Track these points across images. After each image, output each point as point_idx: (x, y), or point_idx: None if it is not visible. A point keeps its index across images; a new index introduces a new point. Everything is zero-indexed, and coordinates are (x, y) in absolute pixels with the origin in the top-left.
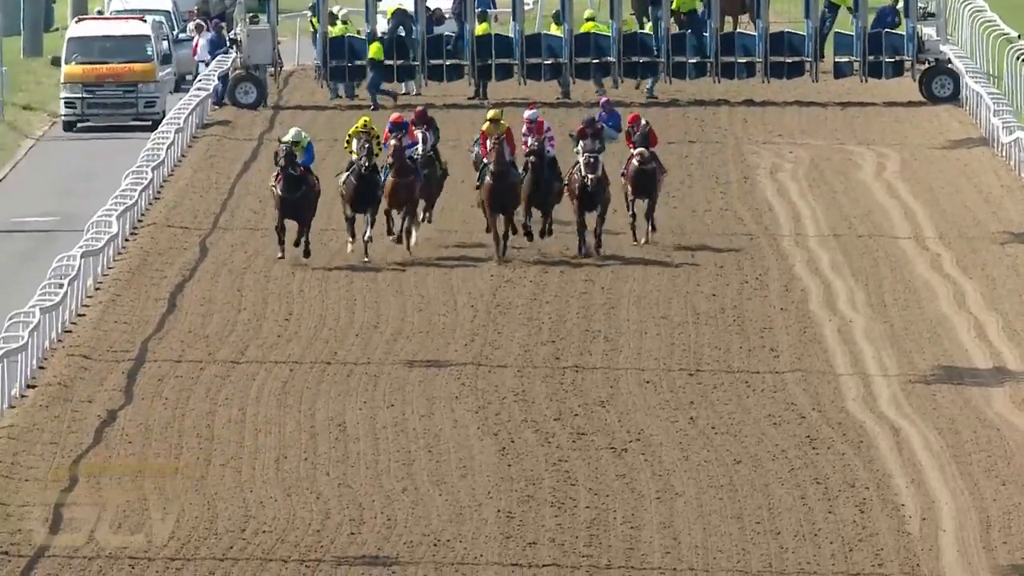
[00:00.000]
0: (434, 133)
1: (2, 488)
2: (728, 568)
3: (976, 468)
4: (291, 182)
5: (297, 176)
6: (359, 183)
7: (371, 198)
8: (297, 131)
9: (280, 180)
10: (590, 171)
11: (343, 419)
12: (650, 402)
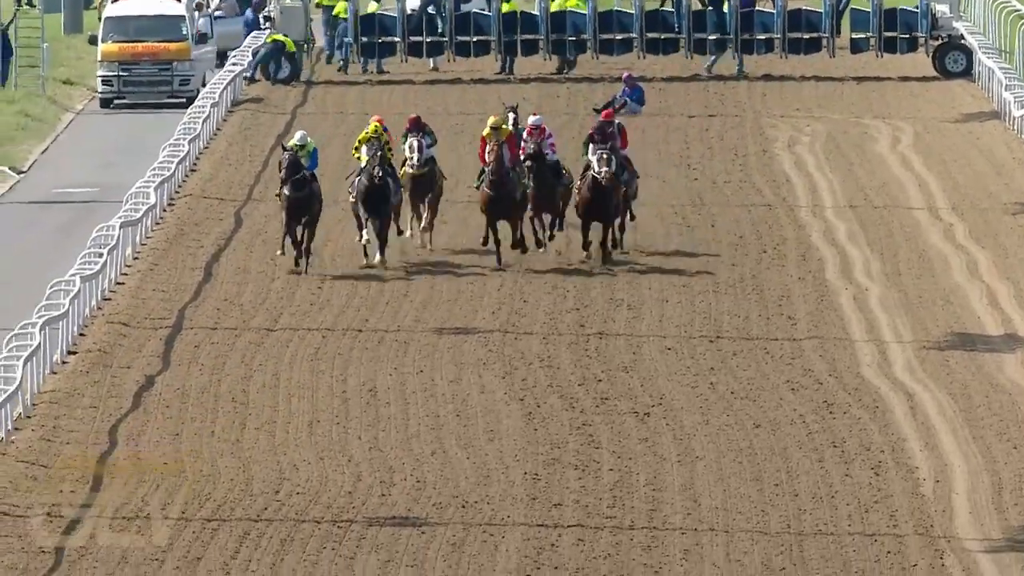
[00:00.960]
0: (429, 138)
1: (44, 451)
2: (747, 529)
3: (988, 432)
4: (297, 183)
5: (303, 178)
6: (370, 187)
7: (382, 206)
8: (303, 135)
9: (287, 184)
10: (604, 165)
11: (374, 384)
12: (672, 368)
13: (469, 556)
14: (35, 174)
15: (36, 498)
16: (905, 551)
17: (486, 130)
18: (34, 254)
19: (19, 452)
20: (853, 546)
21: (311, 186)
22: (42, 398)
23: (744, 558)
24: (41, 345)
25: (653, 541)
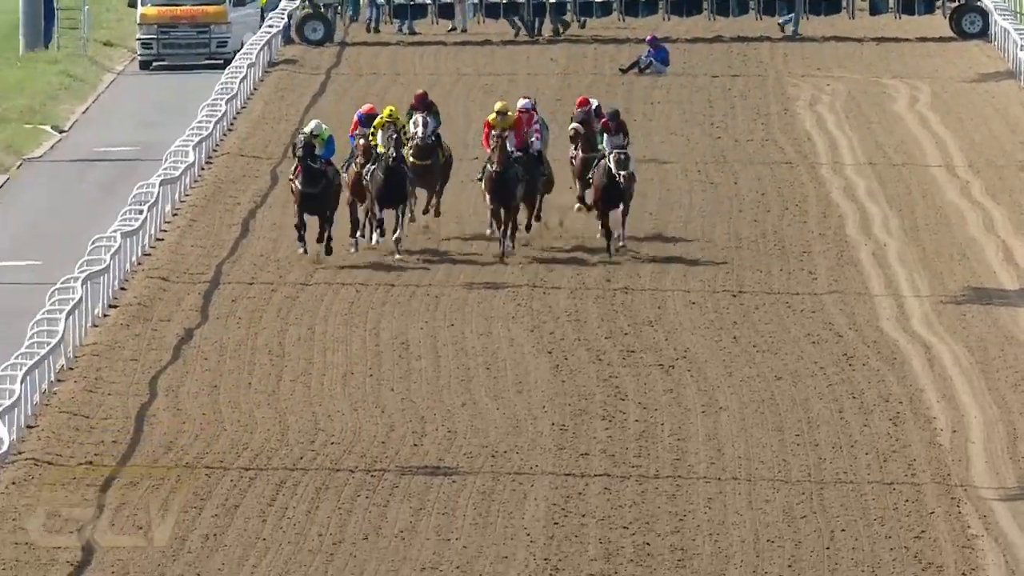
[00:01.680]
0: (435, 118)
1: (86, 402)
2: (769, 477)
3: (1003, 383)
4: (311, 176)
5: (317, 169)
6: (387, 177)
7: (400, 192)
8: (317, 123)
9: (299, 173)
10: (621, 168)
11: (406, 338)
12: (696, 322)
13: (499, 504)
14: (77, 133)
15: (78, 448)
16: (922, 499)
17: (492, 115)
18: (76, 211)
19: (62, 403)
20: (872, 494)
21: (325, 177)
22: (84, 351)
23: (766, 506)
24: (83, 299)
25: (677, 489)
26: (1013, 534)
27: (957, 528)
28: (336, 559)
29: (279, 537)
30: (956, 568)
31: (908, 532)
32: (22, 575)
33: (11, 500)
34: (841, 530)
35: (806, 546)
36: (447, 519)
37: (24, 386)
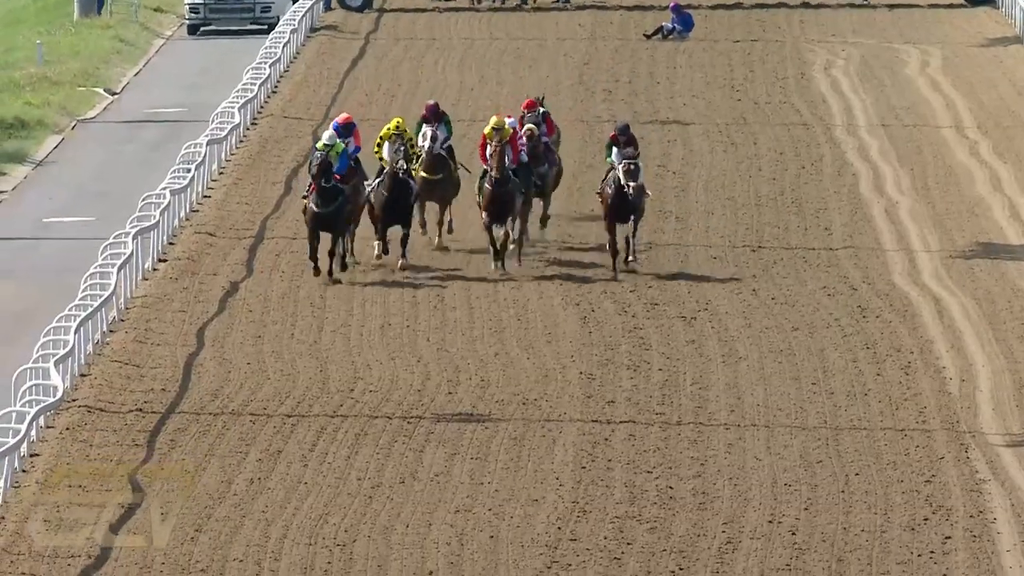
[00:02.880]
0: (446, 129)
1: (136, 351)
2: (787, 424)
3: (1010, 334)
4: (325, 195)
5: (331, 189)
6: (392, 191)
7: (404, 207)
8: (331, 135)
9: (313, 192)
10: (631, 179)
11: (441, 291)
12: (717, 275)
13: (529, 450)
14: (128, 95)
15: (129, 395)
16: (933, 445)
17: (487, 129)
18: (127, 169)
19: (113, 353)
20: (884, 440)
21: (341, 195)
22: (134, 303)
23: (783, 451)
24: (134, 253)
25: (699, 435)
26: (1019, 478)
27: (966, 473)
28: (374, 502)
29: (320, 481)
30: (964, 511)
31: (919, 476)
32: (76, 514)
33: (65, 445)
34: (855, 474)
35: (822, 489)
36: (480, 464)
37: (78, 336)
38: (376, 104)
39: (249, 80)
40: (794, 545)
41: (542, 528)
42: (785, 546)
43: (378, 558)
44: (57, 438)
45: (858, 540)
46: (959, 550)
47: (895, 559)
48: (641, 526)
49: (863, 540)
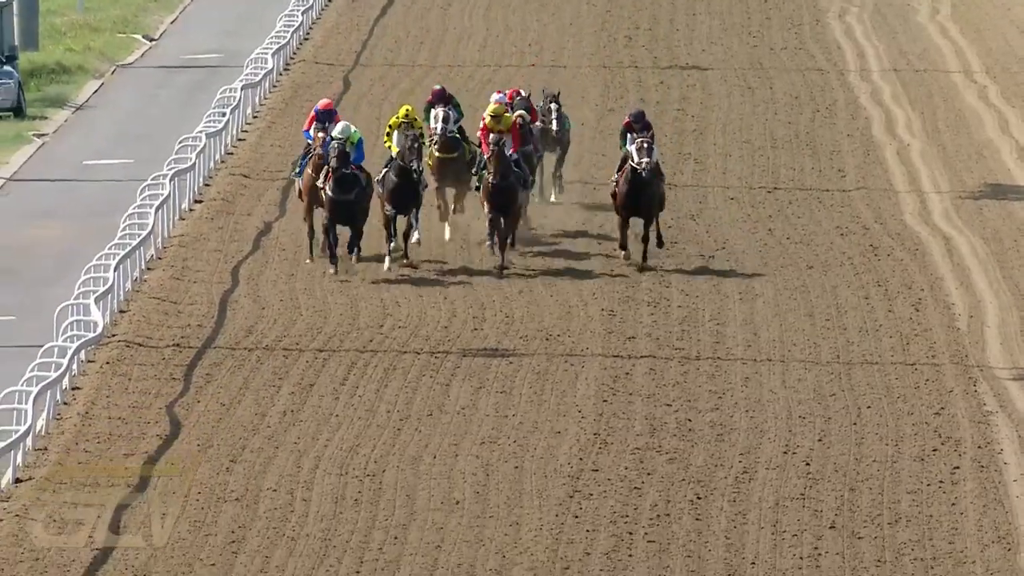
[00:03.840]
0: (456, 111)
1: (173, 288)
2: (801, 359)
3: (1017, 271)
4: (343, 182)
5: (349, 176)
6: (400, 179)
7: (414, 196)
8: (346, 125)
9: (330, 180)
10: (643, 156)
11: (467, 230)
12: (734, 216)
13: (552, 384)
14: (165, 42)
15: (167, 331)
16: (942, 379)
17: (487, 119)
18: (164, 113)
19: (152, 290)
20: (895, 374)
21: (358, 184)
22: (172, 242)
23: (798, 384)
24: (171, 194)
25: (717, 370)
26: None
27: (974, 405)
28: (403, 433)
29: (350, 413)
30: (972, 442)
31: (929, 409)
32: (116, 446)
33: (105, 379)
34: (867, 407)
35: (835, 422)
36: (505, 397)
37: (117, 274)
38: (404, 50)
39: (282, 27)
40: (808, 475)
41: (565, 459)
42: (799, 476)
43: (406, 488)
44: (97, 372)
45: (870, 470)
46: (967, 480)
47: (905, 488)
48: (660, 457)
49: (874, 470)
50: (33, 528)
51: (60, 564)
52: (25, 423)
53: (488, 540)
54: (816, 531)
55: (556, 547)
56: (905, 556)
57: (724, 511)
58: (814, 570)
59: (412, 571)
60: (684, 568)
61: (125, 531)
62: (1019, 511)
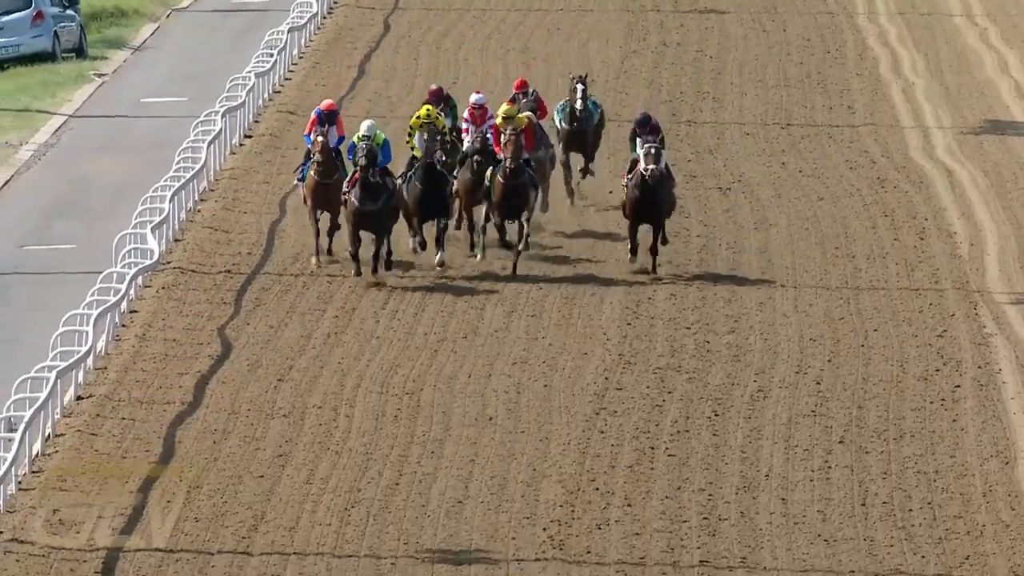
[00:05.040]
0: (452, 113)
1: (224, 218)
2: (812, 284)
3: (1015, 203)
4: (369, 190)
5: (376, 184)
6: (426, 184)
7: (441, 201)
8: (371, 124)
9: (355, 186)
10: (650, 162)
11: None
12: (749, 150)
13: (579, 308)
14: None
15: (218, 258)
16: (944, 303)
17: (498, 119)
18: (216, 54)
19: (204, 219)
20: (901, 299)
21: (385, 191)
22: (223, 175)
23: (809, 309)
24: (222, 130)
25: (732, 295)
26: (1023, 333)
27: (974, 328)
28: (439, 355)
29: (390, 336)
30: (973, 362)
31: (932, 331)
32: (170, 366)
33: (160, 303)
34: (874, 330)
35: (844, 344)
36: (535, 320)
37: (172, 205)
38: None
39: None
40: (818, 393)
41: (591, 378)
42: (810, 394)
43: (443, 405)
44: (154, 297)
45: (876, 389)
46: (967, 398)
47: (909, 406)
48: (680, 376)
49: (880, 389)
50: (94, 441)
51: (119, 475)
52: (86, 344)
53: (519, 454)
54: (826, 446)
55: (583, 460)
56: (909, 469)
57: (740, 427)
58: (824, 482)
59: (448, 483)
60: (702, 480)
61: (180, 445)
62: (1016, 427)
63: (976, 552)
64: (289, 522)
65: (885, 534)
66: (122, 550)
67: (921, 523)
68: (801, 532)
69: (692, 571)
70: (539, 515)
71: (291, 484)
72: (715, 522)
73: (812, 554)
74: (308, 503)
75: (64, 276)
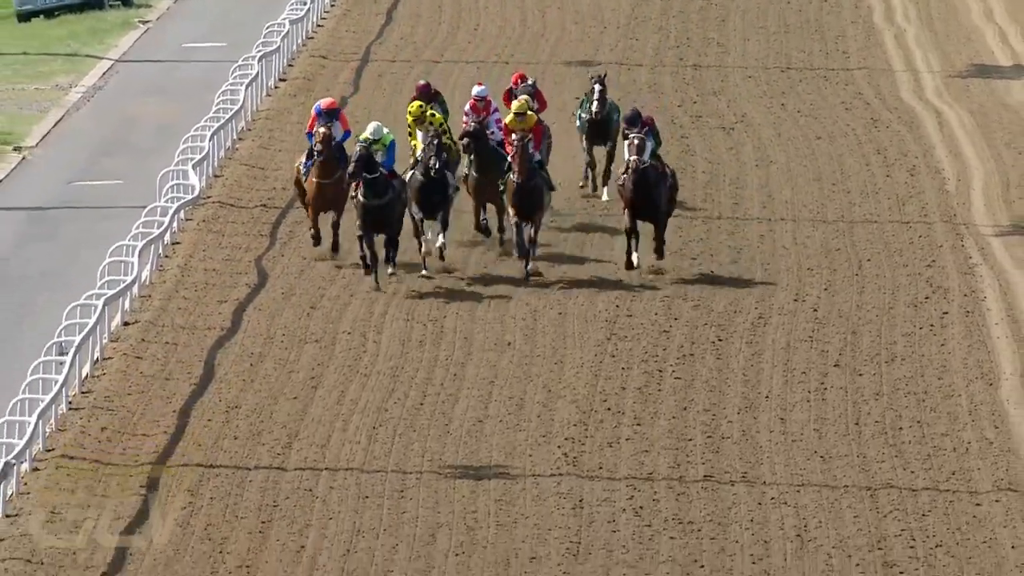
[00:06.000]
0: (441, 110)
1: (261, 156)
2: (810, 218)
3: (999, 141)
4: (373, 186)
5: (379, 180)
6: (426, 180)
7: (442, 198)
8: (377, 126)
9: (360, 186)
10: (633, 152)
11: None
12: (751, 92)
13: (592, 244)
14: None
15: (255, 194)
16: (933, 235)
17: (509, 117)
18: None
19: (242, 157)
20: (892, 231)
21: (391, 188)
22: (259, 115)
23: (807, 241)
24: (259, 74)
25: (736, 228)
26: (1006, 263)
27: (960, 258)
28: (462, 283)
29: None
30: (959, 290)
31: (921, 261)
32: (210, 294)
33: (201, 235)
34: (867, 260)
35: (839, 273)
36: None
37: (212, 143)
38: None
39: None
40: (815, 320)
41: (602, 306)
42: (808, 320)
43: (464, 331)
44: (195, 229)
45: (869, 315)
46: (955, 324)
47: (900, 331)
48: (686, 303)
49: (873, 315)
50: (139, 364)
51: (163, 396)
52: (132, 274)
53: (536, 376)
54: (822, 369)
55: (595, 382)
56: (900, 390)
57: (742, 351)
58: (820, 403)
59: (469, 403)
60: (706, 401)
61: (219, 367)
62: (1000, 351)
63: (962, 467)
64: (321, 440)
65: (877, 451)
66: (166, 465)
67: (911, 441)
68: (798, 449)
69: (696, 485)
70: (554, 433)
71: (323, 405)
72: (718, 440)
73: (809, 470)
74: (339, 422)
75: (111, 210)
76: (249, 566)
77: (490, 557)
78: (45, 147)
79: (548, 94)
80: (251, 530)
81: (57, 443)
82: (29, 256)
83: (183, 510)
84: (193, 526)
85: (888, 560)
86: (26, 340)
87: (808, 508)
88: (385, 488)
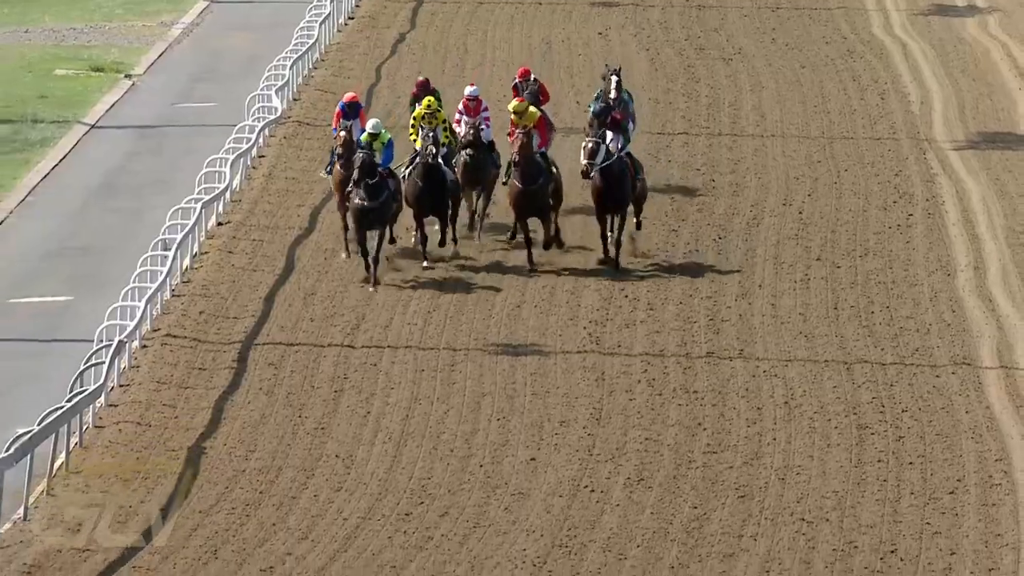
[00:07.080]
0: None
1: (333, 83)
2: (795, 135)
3: (955, 70)
4: (370, 189)
5: (376, 183)
6: (424, 180)
7: (441, 197)
8: (376, 123)
9: (357, 187)
10: (586, 156)
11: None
12: (747, 28)
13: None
14: None
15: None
16: (900, 150)
17: (511, 116)
18: None
19: (317, 83)
20: (866, 146)
21: (387, 189)
22: (331, 48)
23: (794, 153)
24: (331, 12)
25: (734, 143)
26: (962, 173)
27: (923, 169)
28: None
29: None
30: (922, 196)
31: (890, 171)
32: (291, 199)
33: (283, 150)
34: (844, 170)
35: (821, 181)
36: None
37: (291, 72)
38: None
39: None
40: (800, 221)
41: None
42: (794, 221)
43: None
44: (277, 144)
45: (846, 217)
46: (918, 224)
47: (872, 230)
48: (691, 206)
49: (849, 217)
50: (231, 258)
51: (251, 285)
52: (224, 182)
53: (565, 269)
54: (806, 262)
55: (614, 273)
56: (872, 280)
57: (739, 247)
58: (805, 291)
59: (509, 292)
60: (709, 289)
61: (299, 261)
62: (956, 247)
63: (924, 345)
64: (384, 321)
65: (852, 331)
66: (255, 343)
67: (880, 323)
68: (786, 330)
69: (701, 361)
70: (580, 317)
71: (386, 291)
72: (718, 322)
73: (795, 347)
74: (399, 306)
75: (207, 128)
76: (323, 428)
77: (526, 421)
78: (151, 75)
79: None
80: (325, 398)
81: (162, 324)
82: (139, 167)
83: (268, 381)
84: (276, 394)
85: (861, 423)
86: (137, 237)
87: (794, 379)
88: (438, 363)
